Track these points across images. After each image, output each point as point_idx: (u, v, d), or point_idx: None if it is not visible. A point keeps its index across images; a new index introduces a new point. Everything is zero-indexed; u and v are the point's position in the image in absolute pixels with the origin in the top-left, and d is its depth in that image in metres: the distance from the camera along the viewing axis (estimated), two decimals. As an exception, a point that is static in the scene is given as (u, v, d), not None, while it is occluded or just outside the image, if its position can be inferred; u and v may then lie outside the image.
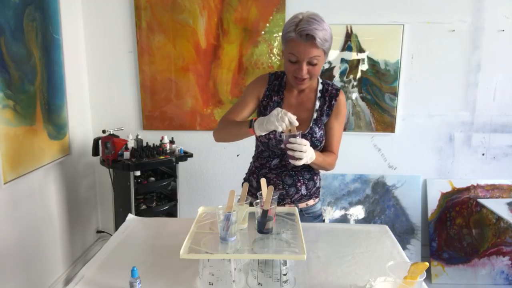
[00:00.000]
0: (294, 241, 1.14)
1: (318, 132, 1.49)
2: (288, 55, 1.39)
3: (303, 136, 1.46)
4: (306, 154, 1.32)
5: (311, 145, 1.41)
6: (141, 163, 2.43)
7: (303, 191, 1.54)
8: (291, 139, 1.31)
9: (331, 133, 1.53)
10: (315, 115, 1.50)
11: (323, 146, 1.55)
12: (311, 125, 1.49)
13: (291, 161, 1.35)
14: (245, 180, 1.66)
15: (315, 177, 1.58)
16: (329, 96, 1.52)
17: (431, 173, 2.94)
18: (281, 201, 1.54)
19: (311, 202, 1.59)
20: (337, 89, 1.54)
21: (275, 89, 1.55)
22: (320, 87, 1.53)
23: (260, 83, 1.58)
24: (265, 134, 1.48)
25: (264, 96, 1.55)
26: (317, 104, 1.52)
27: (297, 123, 1.30)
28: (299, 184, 1.53)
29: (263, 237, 1.18)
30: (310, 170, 1.55)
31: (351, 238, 1.43)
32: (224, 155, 2.98)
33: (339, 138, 1.56)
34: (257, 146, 1.62)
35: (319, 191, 1.63)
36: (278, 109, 1.31)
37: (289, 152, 1.32)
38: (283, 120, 1.28)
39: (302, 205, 1.57)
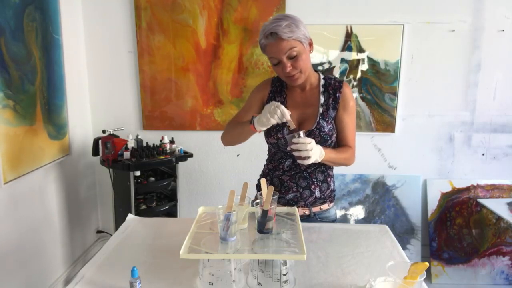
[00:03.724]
0: (294, 241, 1.14)
1: (327, 127, 1.48)
2: (270, 60, 1.43)
3: (312, 132, 1.46)
4: (312, 152, 1.30)
5: (320, 140, 1.42)
6: (141, 163, 2.43)
7: (317, 193, 1.53)
8: (294, 140, 1.30)
9: (342, 126, 1.51)
10: (321, 110, 1.49)
11: (338, 141, 1.53)
12: (318, 120, 1.48)
13: (299, 162, 1.34)
14: (259, 181, 1.65)
15: (329, 179, 1.56)
16: (332, 89, 1.50)
17: (431, 173, 2.94)
18: (294, 204, 1.53)
19: (325, 206, 1.57)
20: (339, 81, 1.52)
21: (278, 90, 1.56)
22: (322, 82, 1.53)
23: (264, 86, 1.59)
24: (274, 135, 1.49)
25: (268, 98, 1.56)
26: (322, 98, 1.50)
27: (288, 116, 1.31)
28: (313, 186, 1.52)
29: (263, 237, 1.18)
30: (323, 171, 1.54)
31: (351, 238, 1.43)
32: (224, 155, 2.98)
33: (353, 130, 1.53)
34: (269, 149, 1.62)
35: (334, 195, 1.61)
36: (272, 102, 1.33)
37: (295, 153, 1.32)
38: (275, 112, 1.30)
39: (316, 209, 1.55)
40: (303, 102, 1.53)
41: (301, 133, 1.31)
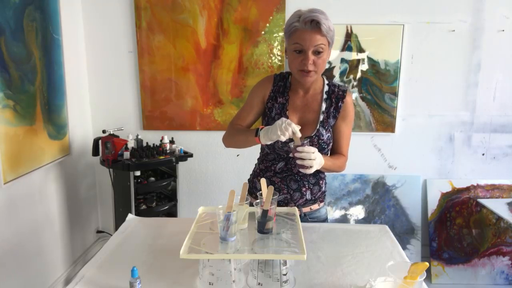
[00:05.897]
0: (294, 241, 1.14)
1: (325, 135, 1.46)
2: (293, 46, 1.36)
3: (311, 139, 1.45)
4: (315, 161, 1.30)
5: (318, 148, 1.39)
6: (141, 163, 2.43)
7: (308, 196, 1.52)
8: (299, 148, 1.30)
9: (339, 135, 1.51)
10: (321, 117, 1.47)
11: (332, 149, 1.53)
12: (318, 127, 1.46)
13: (302, 170, 1.33)
14: (249, 181, 1.64)
15: (321, 182, 1.56)
16: (335, 97, 1.48)
17: (431, 173, 2.94)
18: (284, 205, 1.52)
19: (315, 206, 1.57)
20: (344, 90, 1.49)
21: (280, 90, 1.52)
22: (326, 88, 1.50)
23: (265, 84, 1.54)
24: None
25: (269, 98, 1.52)
26: (324, 106, 1.48)
27: (300, 134, 1.29)
28: (304, 189, 1.51)
29: (263, 237, 1.18)
30: (315, 174, 1.53)
31: (351, 238, 1.43)
32: (224, 155, 2.98)
33: (348, 140, 1.54)
34: (262, 149, 1.60)
35: (325, 195, 1.61)
36: (283, 119, 1.30)
37: (298, 162, 1.31)
38: (286, 129, 1.27)
39: (306, 209, 1.55)
40: (304, 106, 1.50)
41: (306, 142, 1.32)
